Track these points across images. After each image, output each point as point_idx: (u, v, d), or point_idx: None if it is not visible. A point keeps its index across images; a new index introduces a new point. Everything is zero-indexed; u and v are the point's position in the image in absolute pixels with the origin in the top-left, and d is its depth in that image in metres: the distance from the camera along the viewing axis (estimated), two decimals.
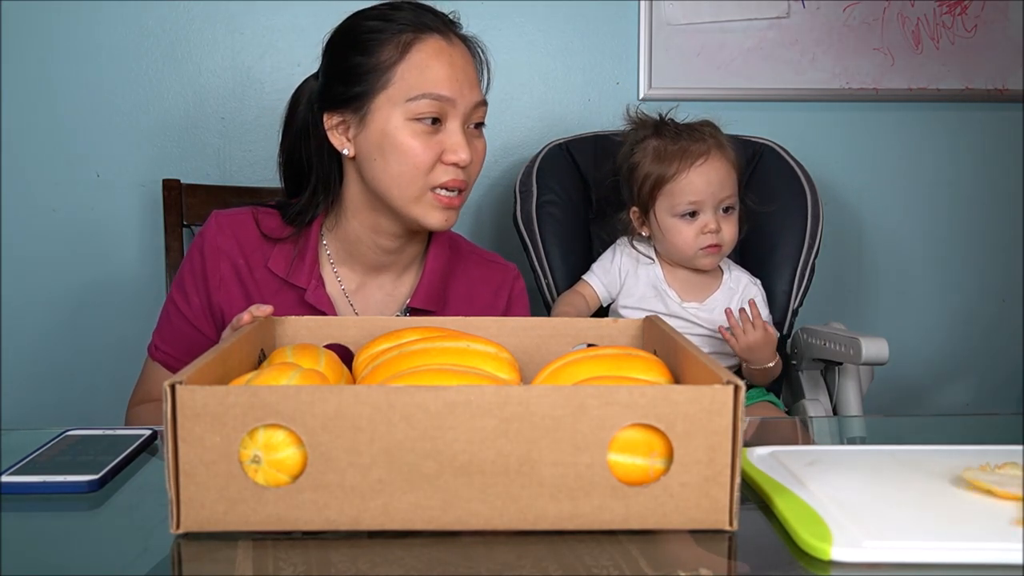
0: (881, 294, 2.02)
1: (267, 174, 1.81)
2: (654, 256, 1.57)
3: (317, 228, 1.24)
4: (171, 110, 1.81)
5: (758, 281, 1.59)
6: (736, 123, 1.82)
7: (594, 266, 1.60)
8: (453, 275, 1.28)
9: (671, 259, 1.55)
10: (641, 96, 1.87)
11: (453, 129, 1.14)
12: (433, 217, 1.16)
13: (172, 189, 1.68)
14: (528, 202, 1.68)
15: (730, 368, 1.50)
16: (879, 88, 1.92)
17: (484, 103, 1.19)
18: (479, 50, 1.22)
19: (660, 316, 1.50)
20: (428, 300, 1.23)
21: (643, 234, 1.57)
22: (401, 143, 1.13)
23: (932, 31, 1.91)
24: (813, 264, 1.65)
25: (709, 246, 1.50)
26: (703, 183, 1.48)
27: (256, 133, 1.83)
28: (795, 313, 1.66)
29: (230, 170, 1.83)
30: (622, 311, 1.56)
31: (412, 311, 1.23)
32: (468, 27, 1.22)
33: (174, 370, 1.21)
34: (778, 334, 1.50)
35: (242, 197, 1.66)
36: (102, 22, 1.77)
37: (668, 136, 1.52)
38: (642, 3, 1.85)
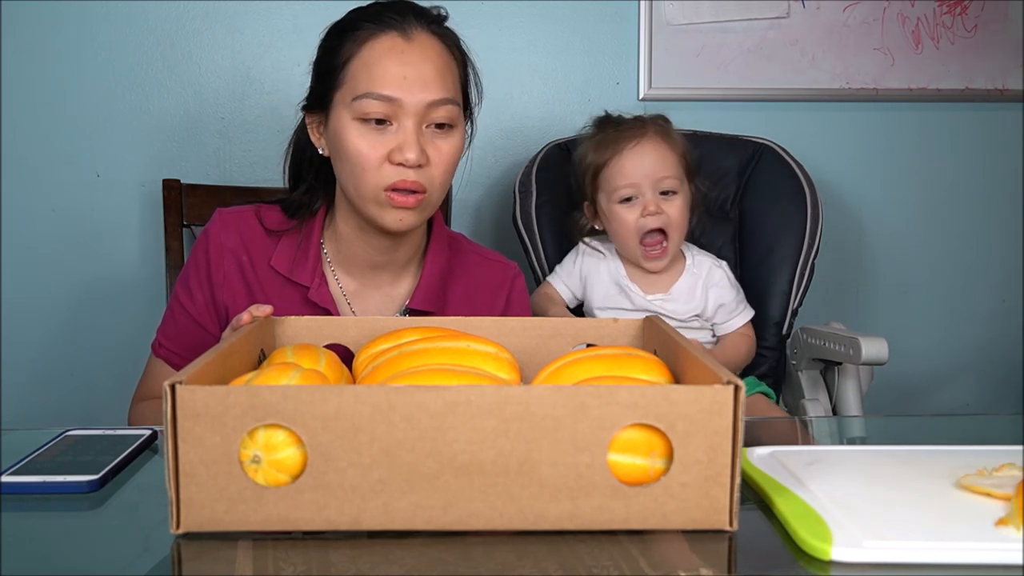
0: (881, 294, 2.02)
1: (267, 174, 1.82)
2: (612, 250, 1.57)
3: (319, 228, 1.24)
4: (171, 110, 1.81)
5: (723, 263, 1.58)
6: (736, 123, 1.83)
7: (557, 268, 1.61)
8: (453, 276, 1.27)
9: (623, 254, 1.55)
10: (641, 96, 1.87)
11: (403, 128, 1.10)
12: (387, 217, 1.12)
13: (172, 189, 1.68)
14: (528, 202, 1.68)
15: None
16: (879, 88, 1.92)
17: (447, 102, 1.12)
18: (457, 47, 1.17)
19: (627, 311, 1.51)
20: (427, 301, 1.23)
21: (597, 228, 1.57)
22: (348, 143, 1.11)
23: (932, 31, 1.91)
24: (813, 264, 1.65)
25: (649, 238, 1.48)
26: (634, 165, 1.47)
27: (256, 133, 1.83)
28: (795, 313, 1.66)
29: (230, 170, 1.83)
30: (593, 311, 1.57)
31: (411, 312, 1.23)
32: (468, 27, 1.21)
33: (177, 367, 1.21)
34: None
35: (242, 197, 1.66)
36: (102, 22, 1.77)
37: (610, 127, 1.53)
38: (642, 3, 1.85)
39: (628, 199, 1.49)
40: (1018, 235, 2.01)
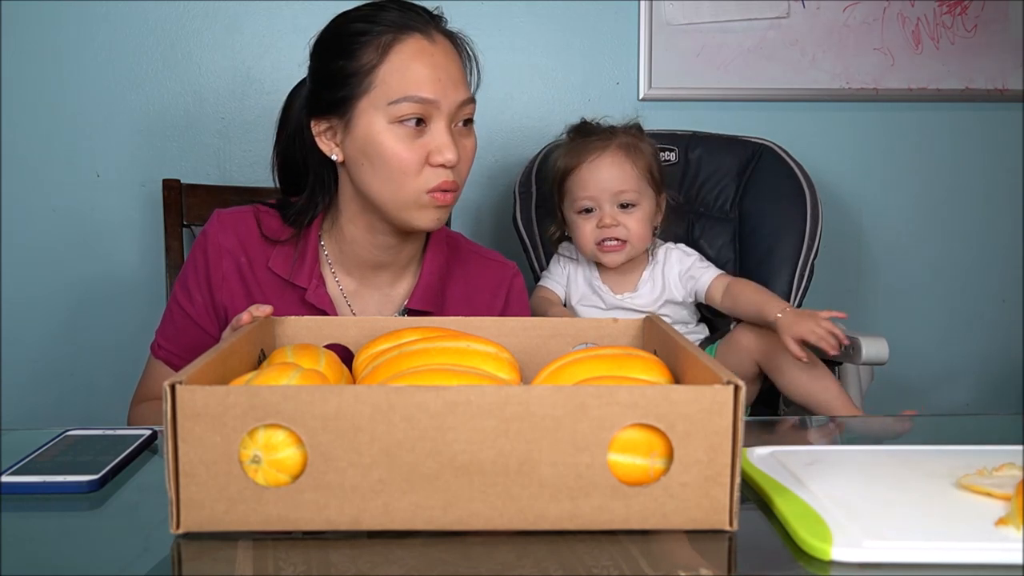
0: (881, 294, 2.02)
1: (267, 174, 1.78)
2: (578, 257, 1.59)
3: (317, 229, 1.24)
4: (171, 110, 1.81)
5: (679, 244, 1.59)
6: (736, 123, 1.83)
7: (545, 273, 1.62)
8: (451, 276, 1.27)
9: (585, 256, 1.56)
10: (641, 96, 1.87)
11: (438, 130, 1.12)
12: (426, 218, 1.15)
13: (172, 189, 1.68)
14: (528, 203, 1.69)
15: (699, 344, 1.52)
16: (879, 88, 1.92)
17: (471, 100, 1.16)
18: (465, 46, 1.19)
19: (600, 310, 1.53)
20: (425, 301, 1.23)
21: (566, 233, 1.59)
22: (386, 148, 1.11)
23: (932, 31, 1.91)
24: (813, 264, 1.65)
25: (607, 240, 1.49)
26: (593, 179, 1.49)
27: (256, 133, 1.83)
28: None
29: (230, 170, 1.83)
30: (574, 309, 1.58)
31: (410, 312, 1.23)
32: (467, 27, 1.21)
33: (177, 368, 1.21)
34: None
35: (242, 197, 1.66)
36: (102, 22, 1.77)
37: (579, 135, 1.54)
38: (642, 3, 1.85)
39: (587, 210, 1.51)
40: (1018, 235, 2.01)
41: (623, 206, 1.49)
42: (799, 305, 1.65)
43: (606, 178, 1.49)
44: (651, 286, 1.55)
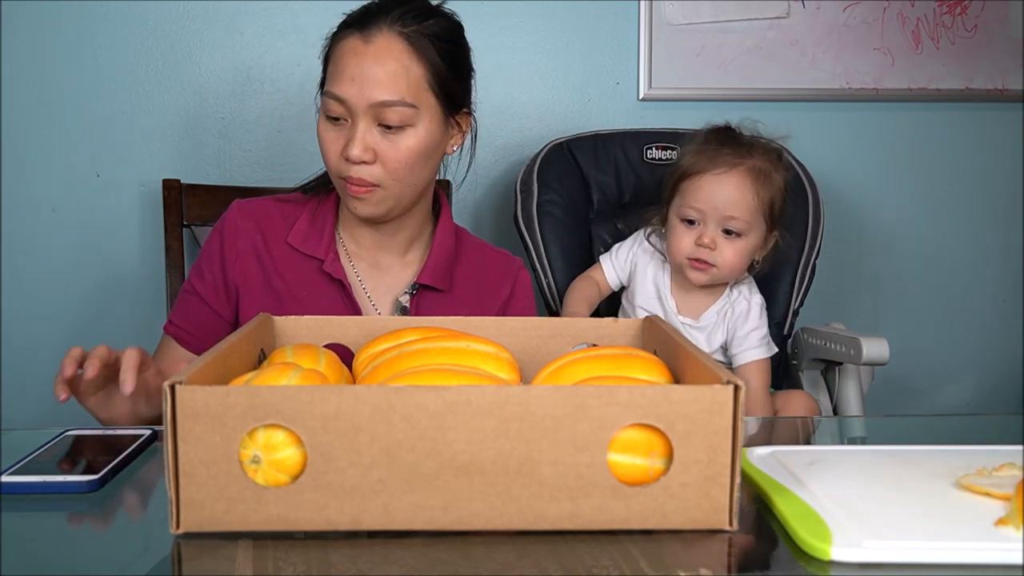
0: (881, 294, 2.02)
1: (267, 174, 1.81)
2: (665, 256, 1.53)
3: (334, 209, 1.28)
4: (171, 110, 1.81)
5: (756, 299, 1.51)
6: (736, 123, 1.82)
7: (614, 248, 1.58)
8: (459, 259, 1.31)
9: (671, 262, 1.51)
10: (641, 96, 1.87)
11: (354, 126, 1.16)
12: (348, 205, 1.21)
13: (172, 189, 1.68)
14: (528, 202, 1.69)
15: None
16: (879, 88, 1.92)
17: (397, 103, 1.14)
18: (429, 49, 1.16)
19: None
20: (435, 278, 1.26)
21: (663, 229, 1.53)
22: (319, 131, 1.20)
23: (932, 31, 1.91)
24: (814, 264, 1.65)
25: (697, 260, 1.43)
26: (709, 192, 1.41)
27: (256, 133, 1.83)
28: (795, 313, 1.66)
29: (230, 170, 1.83)
30: (627, 308, 1.55)
31: (420, 288, 1.26)
32: (467, 27, 1.22)
33: (185, 344, 1.25)
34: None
35: (242, 197, 1.66)
36: (102, 22, 1.77)
37: (716, 140, 1.46)
38: (642, 3, 1.85)
39: (691, 221, 1.44)
40: (1017, 235, 2.01)
41: (728, 232, 1.43)
42: (800, 305, 1.65)
43: (722, 197, 1.41)
44: (713, 328, 1.48)
